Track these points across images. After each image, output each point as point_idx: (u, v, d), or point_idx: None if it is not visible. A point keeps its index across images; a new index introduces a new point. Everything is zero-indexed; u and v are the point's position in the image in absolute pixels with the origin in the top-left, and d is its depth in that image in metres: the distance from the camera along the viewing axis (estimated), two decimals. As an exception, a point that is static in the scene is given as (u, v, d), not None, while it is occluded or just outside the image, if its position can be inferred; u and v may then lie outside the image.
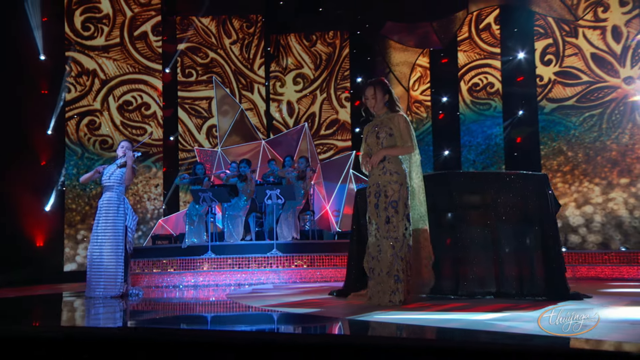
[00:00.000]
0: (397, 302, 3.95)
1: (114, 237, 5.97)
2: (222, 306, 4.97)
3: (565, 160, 10.76)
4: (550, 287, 4.21)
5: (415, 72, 12.61)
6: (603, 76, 10.69)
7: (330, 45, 12.89)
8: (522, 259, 4.40)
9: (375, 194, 4.16)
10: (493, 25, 11.89)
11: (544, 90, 11.17)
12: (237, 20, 12.48)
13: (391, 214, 4.05)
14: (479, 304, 3.94)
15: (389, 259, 4.01)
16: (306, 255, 8.05)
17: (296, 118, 12.72)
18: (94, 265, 5.95)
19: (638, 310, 3.66)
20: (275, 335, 2.71)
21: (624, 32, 10.67)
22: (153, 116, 11.59)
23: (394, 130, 4.17)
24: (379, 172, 4.16)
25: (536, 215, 4.33)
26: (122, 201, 6.08)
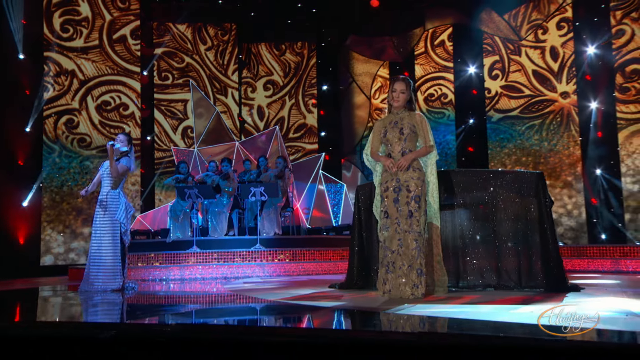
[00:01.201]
0: (419, 295, 3.79)
1: (112, 231, 5.68)
2: (236, 299, 4.69)
3: (511, 164, 11.20)
4: (548, 280, 4.17)
5: (376, 82, 12.76)
6: (543, 90, 11.18)
7: (299, 54, 12.88)
8: (520, 252, 4.35)
9: (394, 189, 3.98)
10: (447, 42, 12.20)
11: (491, 102, 11.57)
12: (212, 28, 12.29)
13: (414, 209, 3.90)
14: (498, 296, 3.81)
15: (411, 252, 3.86)
16: (288, 250, 7.94)
17: (266, 122, 12.64)
18: (92, 259, 5.66)
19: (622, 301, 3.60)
20: (355, 333, 2.39)
21: (560, 52, 11.20)
22: (131, 116, 11.23)
23: (417, 128, 4.04)
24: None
25: (533, 211, 4.29)
26: (117, 195, 5.84)
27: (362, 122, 12.70)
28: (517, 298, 3.70)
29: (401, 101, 4.06)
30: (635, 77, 10.50)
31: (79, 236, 10.66)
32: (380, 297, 3.91)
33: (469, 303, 3.52)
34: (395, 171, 3.96)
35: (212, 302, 4.72)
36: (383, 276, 3.98)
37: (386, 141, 4.11)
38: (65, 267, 10.17)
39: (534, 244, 4.26)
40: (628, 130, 10.38)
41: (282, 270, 7.65)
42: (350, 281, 4.83)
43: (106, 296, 5.19)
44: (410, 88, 4.10)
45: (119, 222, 5.71)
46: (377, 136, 4.21)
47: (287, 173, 9.12)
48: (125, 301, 4.88)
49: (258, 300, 4.43)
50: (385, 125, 4.14)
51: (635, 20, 10.62)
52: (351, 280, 4.83)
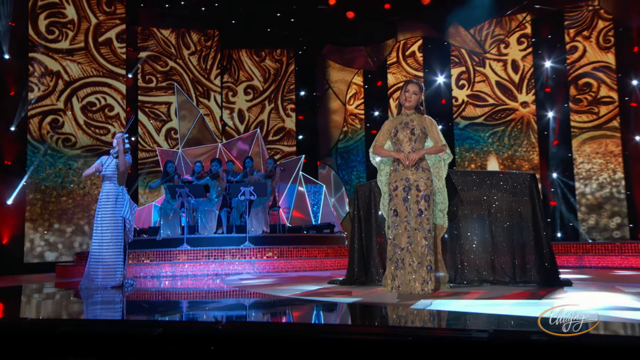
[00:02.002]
0: (429, 291, 3.75)
1: (113, 227, 5.44)
2: (250, 296, 4.54)
3: (476, 168, 11.52)
4: (541, 275, 4.19)
5: (351, 89, 12.88)
6: (505, 100, 11.55)
7: (278, 61, 12.87)
8: (515, 249, 4.36)
9: (404, 188, 3.93)
10: (417, 53, 12.43)
11: (458, 109, 11.87)
12: (196, 34, 12.13)
13: (424, 207, 3.87)
14: (502, 291, 3.78)
15: (421, 250, 3.83)
16: (276, 248, 7.92)
17: (246, 125, 12.58)
18: (93, 256, 5.44)
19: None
20: (435, 331, 2.24)
21: (520, 65, 11.60)
22: (116, 117, 10.98)
23: (428, 130, 4.03)
24: (411, 168, 3.94)
25: (527, 210, 4.33)
26: (120, 192, 5.68)
27: (337, 127, 12.80)
28: (524, 293, 3.73)
29: (413, 102, 4.04)
30: (587, 89, 10.97)
31: (64, 234, 10.36)
32: (389, 293, 3.87)
33: (482, 298, 3.51)
34: (407, 165, 3.91)
35: (227, 298, 4.56)
36: (392, 272, 3.95)
37: (397, 140, 4.06)
38: (49, 265, 9.88)
39: (528, 241, 4.30)
40: (581, 138, 10.84)
41: (271, 267, 7.63)
42: (351, 277, 4.79)
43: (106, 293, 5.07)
44: (422, 92, 4.08)
45: (124, 218, 5.56)
46: (386, 135, 4.16)
47: (277, 172, 9.11)
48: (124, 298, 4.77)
49: (272, 296, 4.30)
50: (396, 125, 4.09)
51: (586, 38, 11.10)
52: (352, 277, 4.79)
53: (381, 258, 4.85)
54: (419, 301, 3.30)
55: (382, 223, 4.89)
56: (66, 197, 10.48)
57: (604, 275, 5.74)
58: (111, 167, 5.60)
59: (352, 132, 12.76)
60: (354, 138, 12.72)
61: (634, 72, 10.53)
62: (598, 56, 10.91)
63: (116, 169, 5.56)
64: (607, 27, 10.92)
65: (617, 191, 10.44)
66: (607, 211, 10.44)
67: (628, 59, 10.62)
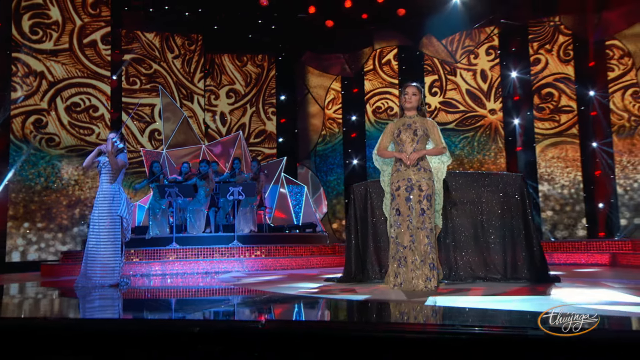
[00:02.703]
0: (432, 288, 3.72)
1: (111, 226, 5.27)
2: (258, 293, 4.39)
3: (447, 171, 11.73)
4: (532, 272, 4.23)
5: (329, 94, 12.92)
6: (474, 107, 11.83)
7: (259, 66, 12.80)
8: (506, 247, 4.38)
9: (406, 188, 3.92)
10: (392, 61, 12.58)
11: (431, 116, 12.07)
12: (180, 38, 11.94)
13: (426, 207, 3.85)
14: (500, 287, 3.78)
15: (424, 248, 3.80)
16: (264, 246, 7.87)
17: (228, 127, 12.46)
18: (89, 255, 5.26)
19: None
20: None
21: (489, 75, 11.90)
22: (101, 118, 10.69)
23: (429, 132, 4.05)
24: (413, 169, 3.94)
25: (517, 209, 4.38)
26: (117, 190, 5.52)
27: (316, 130, 12.82)
28: (522, 289, 3.75)
29: (414, 102, 4.05)
30: (549, 98, 11.35)
31: (46, 234, 10.02)
32: (391, 290, 3.84)
33: (487, 295, 3.49)
34: (409, 164, 3.91)
35: (235, 295, 4.45)
36: (395, 270, 3.92)
37: (399, 141, 4.06)
38: (31, 264, 9.55)
39: (519, 240, 4.35)
40: (544, 144, 11.20)
41: (259, 266, 7.57)
42: (349, 275, 4.76)
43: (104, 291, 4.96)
44: (421, 93, 4.10)
45: (122, 217, 5.42)
46: (389, 136, 4.16)
47: (262, 175, 9.07)
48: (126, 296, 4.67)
49: (282, 294, 4.14)
50: (399, 126, 4.09)
51: (548, 51, 11.48)
52: (349, 274, 4.76)
53: (377, 256, 4.87)
54: (427, 298, 3.28)
55: (378, 222, 4.94)
56: (49, 196, 10.14)
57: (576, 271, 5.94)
58: (107, 167, 5.46)
59: (330, 136, 12.81)
60: (332, 141, 12.77)
61: (591, 84, 10.96)
62: (559, 68, 11.30)
63: (115, 169, 5.44)
64: (567, 42, 11.33)
65: (576, 193, 10.84)
66: (567, 212, 10.83)
67: (585, 72, 11.05)
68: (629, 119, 10.66)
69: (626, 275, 5.21)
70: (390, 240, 4.09)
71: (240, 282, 5.62)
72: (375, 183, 5.01)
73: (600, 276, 5.18)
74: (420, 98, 4.10)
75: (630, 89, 10.71)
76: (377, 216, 4.93)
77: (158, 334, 2.22)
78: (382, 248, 4.87)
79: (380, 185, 4.95)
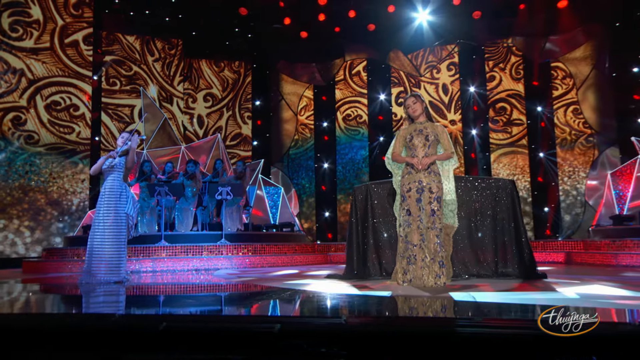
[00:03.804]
0: (441, 284, 3.76)
1: (117, 224, 5.09)
2: (272, 289, 4.23)
3: (411, 175, 12.05)
4: (521, 269, 4.36)
5: (302, 101, 12.95)
6: (437, 117, 12.19)
7: (236, 72, 12.65)
8: (497, 246, 4.50)
9: (417, 190, 3.96)
10: (362, 72, 12.78)
11: (397, 124, 12.36)
12: (160, 42, 11.62)
13: (436, 208, 3.90)
14: (500, 284, 3.83)
15: (434, 247, 3.83)
16: (251, 245, 7.78)
17: (205, 130, 12.23)
18: (94, 252, 5.06)
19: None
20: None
21: (450, 89, 12.33)
22: (81, 117, 10.23)
23: (440, 137, 4.10)
24: (424, 172, 3.99)
25: (508, 211, 4.49)
26: (124, 188, 5.31)
27: (289, 135, 12.81)
28: (523, 285, 3.88)
29: (418, 110, 4.14)
30: (502, 112, 11.89)
31: (25, 231, 9.48)
32: (400, 286, 3.86)
33: (501, 290, 3.53)
34: (420, 169, 3.96)
35: (258, 292, 4.28)
36: (404, 267, 3.94)
37: (412, 145, 4.10)
38: (9, 261, 9.02)
39: (509, 239, 4.52)
40: (497, 153, 11.72)
41: (248, 263, 7.49)
42: (351, 272, 4.78)
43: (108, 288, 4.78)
44: (421, 99, 4.17)
45: (129, 215, 5.23)
46: (402, 141, 4.21)
47: (248, 173, 8.96)
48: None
49: (307, 291, 3.91)
50: (411, 132, 4.15)
51: (502, 69, 12.03)
52: (352, 271, 4.78)
53: (377, 254, 4.94)
54: (446, 294, 3.32)
55: (378, 222, 5.01)
56: (27, 194, 9.60)
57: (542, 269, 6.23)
58: (116, 165, 5.25)
59: (302, 141, 12.83)
60: (305, 146, 12.80)
61: (538, 100, 11.58)
62: (511, 85, 11.86)
63: (122, 167, 5.25)
64: (518, 62, 11.92)
65: (525, 198, 11.40)
66: (517, 214, 11.35)
67: (534, 89, 11.65)
68: (570, 132, 11.34)
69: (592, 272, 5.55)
70: (399, 239, 4.12)
71: (240, 279, 5.53)
72: (376, 185, 5.10)
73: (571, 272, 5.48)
74: (422, 105, 4.18)
75: (572, 106, 11.40)
76: (377, 216, 5.00)
77: (234, 331, 2.10)
78: (382, 246, 4.95)
79: (380, 187, 5.08)
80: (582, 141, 11.22)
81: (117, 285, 4.94)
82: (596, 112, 11.19)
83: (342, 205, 12.33)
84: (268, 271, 6.55)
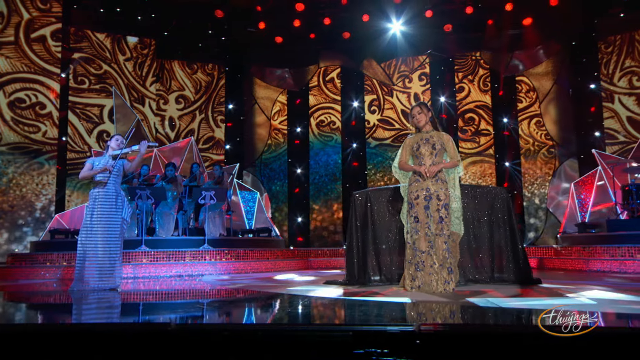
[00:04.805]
0: (450, 290, 3.81)
1: (111, 229, 4.93)
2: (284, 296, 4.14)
3: (384, 182, 12.26)
4: (516, 275, 4.49)
5: (275, 105, 12.90)
6: (408, 126, 12.48)
7: (209, 75, 12.44)
8: (494, 252, 4.66)
9: (425, 197, 4.02)
10: (335, 79, 12.90)
11: (370, 131, 12.55)
12: (132, 41, 11.27)
13: (444, 215, 3.96)
14: (506, 289, 3.91)
15: (442, 253, 3.89)
16: (234, 250, 7.68)
17: (177, 132, 11.94)
18: (88, 258, 4.85)
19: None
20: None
21: (421, 98, 12.65)
22: (48, 116, 9.75)
23: (446, 146, 4.17)
24: (431, 180, 4.06)
25: (503, 219, 4.69)
26: (119, 193, 5.15)
27: (262, 139, 12.73)
28: (527, 290, 4.01)
29: (422, 120, 4.22)
30: (471, 122, 12.34)
31: (-17, 235, 8.92)
32: (407, 292, 3.91)
33: (510, 296, 3.60)
34: (428, 177, 4.03)
35: (270, 297, 4.19)
36: (412, 274, 4.01)
37: (419, 154, 4.18)
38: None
39: (505, 246, 4.68)
40: (466, 161, 12.13)
41: (232, 269, 7.38)
42: (352, 278, 4.82)
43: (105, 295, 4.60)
44: (427, 109, 4.24)
45: (125, 220, 5.06)
46: (409, 149, 4.28)
47: (226, 177, 8.82)
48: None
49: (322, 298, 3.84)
50: (417, 140, 4.23)
51: (470, 81, 12.50)
52: (352, 278, 4.82)
53: (377, 260, 5.00)
54: (464, 299, 3.41)
55: (377, 228, 5.08)
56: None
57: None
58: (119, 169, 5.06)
59: (275, 145, 12.78)
60: (277, 151, 12.75)
61: (504, 112, 12.11)
62: (479, 96, 12.33)
63: (119, 172, 5.07)
64: (486, 75, 12.42)
65: (491, 205, 11.84)
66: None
67: (500, 101, 12.17)
68: (534, 143, 11.91)
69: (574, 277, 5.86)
70: (406, 245, 4.20)
71: (236, 285, 5.45)
72: (376, 191, 5.17)
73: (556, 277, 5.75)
74: (428, 115, 4.26)
75: (535, 118, 11.99)
76: (376, 223, 5.07)
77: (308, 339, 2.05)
78: (381, 252, 5.02)
79: (380, 193, 5.16)
80: (545, 152, 11.81)
81: (112, 292, 4.76)
82: (557, 125, 11.83)
83: (315, 210, 12.38)
84: (257, 277, 6.48)
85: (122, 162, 5.12)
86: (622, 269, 6.42)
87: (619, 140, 10.89)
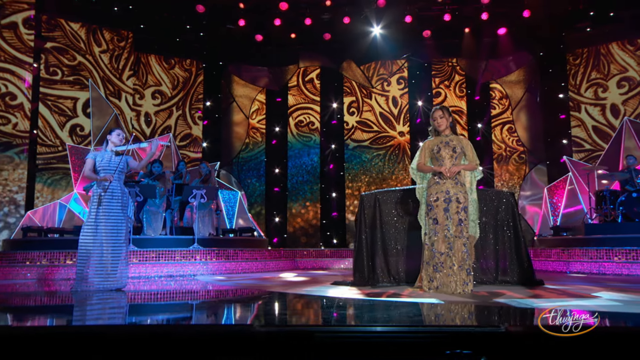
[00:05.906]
0: (468, 291, 3.92)
1: (117, 227, 4.82)
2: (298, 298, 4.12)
3: (362, 184, 12.42)
4: (520, 276, 4.67)
5: (254, 104, 12.79)
6: (386, 128, 12.72)
7: (187, 71, 12.18)
8: (498, 254, 4.82)
9: (444, 199, 4.12)
10: (315, 80, 12.94)
11: (349, 133, 12.68)
12: (108, 33, 10.86)
13: (463, 217, 4.07)
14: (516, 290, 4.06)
15: (461, 255, 4.00)
16: (224, 250, 7.57)
17: (153, 128, 11.62)
18: (92, 258, 4.70)
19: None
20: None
21: (399, 101, 12.91)
22: (19, 107, 9.27)
23: (465, 149, 4.33)
24: (451, 182, 4.17)
25: (508, 221, 4.87)
26: (124, 190, 4.99)
27: (240, 138, 12.60)
28: (538, 291, 4.18)
29: (443, 124, 4.35)
30: (446, 127, 12.68)
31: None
32: (425, 293, 4.03)
33: (529, 297, 3.74)
34: (449, 176, 4.14)
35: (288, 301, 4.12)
36: (430, 275, 4.12)
37: (439, 157, 4.29)
38: None
39: (509, 247, 4.86)
40: (441, 165, 12.46)
41: (224, 269, 7.30)
42: (362, 279, 4.88)
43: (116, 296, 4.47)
44: (448, 113, 4.38)
45: (130, 219, 4.92)
46: (428, 152, 4.40)
47: (213, 175, 8.67)
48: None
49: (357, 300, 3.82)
50: (437, 144, 4.35)
51: (447, 86, 12.87)
52: (363, 279, 4.89)
53: (386, 261, 5.10)
54: (491, 300, 3.56)
55: (386, 229, 5.17)
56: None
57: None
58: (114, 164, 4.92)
59: (253, 144, 12.68)
60: (255, 150, 12.66)
61: (478, 118, 12.54)
62: (455, 102, 12.71)
63: (123, 168, 4.92)
64: (461, 81, 12.82)
65: (465, 208, 12.22)
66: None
67: (474, 107, 12.60)
68: (506, 149, 12.41)
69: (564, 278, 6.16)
70: (424, 246, 4.32)
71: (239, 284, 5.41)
72: (384, 193, 5.26)
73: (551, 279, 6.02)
74: (448, 119, 4.39)
75: (507, 125, 12.49)
76: (385, 223, 5.16)
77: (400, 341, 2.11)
78: (390, 253, 5.12)
79: (388, 195, 5.26)
80: (516, 157, 12.32)
81: (118, 292, 4.63)
82: (528, 131, 12.37)
83: (293, 210, 12.37)
84: (254, 277, 6.46)
85: (126, 159, 4.99)
86: (601, 271, 6.83)
87: (585, 148, 11.52)
